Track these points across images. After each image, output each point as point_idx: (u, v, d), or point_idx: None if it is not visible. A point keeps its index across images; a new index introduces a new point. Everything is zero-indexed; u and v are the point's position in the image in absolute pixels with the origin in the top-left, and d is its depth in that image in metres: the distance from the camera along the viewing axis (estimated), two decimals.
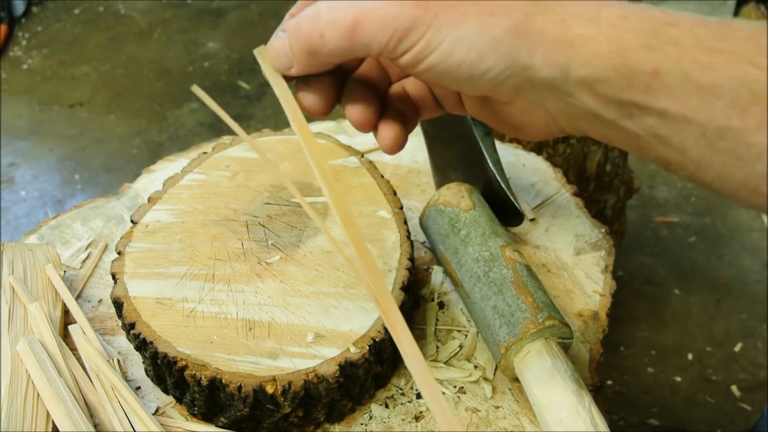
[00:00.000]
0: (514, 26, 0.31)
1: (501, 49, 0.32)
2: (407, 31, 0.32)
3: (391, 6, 0.32)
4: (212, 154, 0.78)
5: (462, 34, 0.32)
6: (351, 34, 0.33)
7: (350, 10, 0.32)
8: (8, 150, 2.14)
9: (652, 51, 0.30)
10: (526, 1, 0.32)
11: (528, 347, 0.59)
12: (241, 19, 2.77)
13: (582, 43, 0.31)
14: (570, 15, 0.32)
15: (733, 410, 1.38)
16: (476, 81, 0.33)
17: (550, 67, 0.32)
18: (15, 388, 0.57)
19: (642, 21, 0.31)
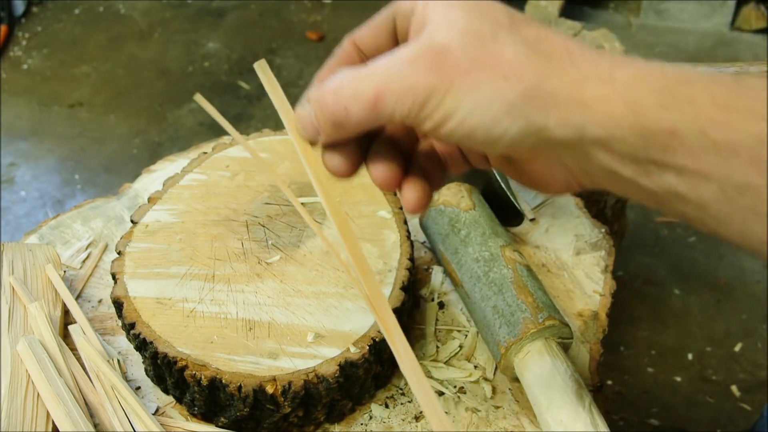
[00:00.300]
0: (527, 90, 0.32)
1: (515, 113, 0.32)
2: (425, 101, 0.33)
3: (409, 77, 0.33)
4: (212, 154, 0.78)
5: (477, 100, 0.32)
6: (373, 107, 0.34)
7: (371, 83, 0.34)
8: (8, 150, 2.14)
9: (668, 110, 0.30)
10: (539, 63, 0.32)
11: (528, 347, 0.59)
12: (241, 19, 2.77)
13: (597, 104, 0.31)
14: (583, 76, 0.32)
15: (733, 410, 1.38)
16: (494, 143, 0.34)
17: (564, 127, 0.32)
18: (15, 388, 0.57)
19: (657, 80, 0.31)
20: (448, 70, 0.33)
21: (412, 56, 0.33)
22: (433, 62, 0.33)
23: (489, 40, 0.33)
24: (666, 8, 2.66)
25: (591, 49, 0.33)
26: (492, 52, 0.33)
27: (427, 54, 0.33)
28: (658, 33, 2.62)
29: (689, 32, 2.61)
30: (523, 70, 0.32)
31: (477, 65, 0.33)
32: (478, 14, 0.34)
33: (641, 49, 2.51)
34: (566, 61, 0.32)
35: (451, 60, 0.33)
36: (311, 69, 2.42)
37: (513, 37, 0.33)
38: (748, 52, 2.48)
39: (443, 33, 0.34)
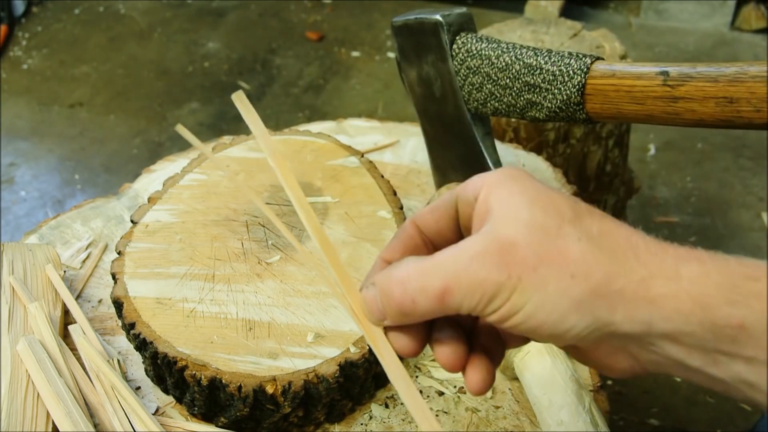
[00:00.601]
0: (594, 288, 0.33)
1: (582, 310, 0.33)
2: (493, 296, 0.34)
3: (477, 273, 0.34)
4: (212, 154, 0.78)
5: (544, 298, 0.33)
6: (441, 300, 0.35)
7: (439, 277, 0.34)
8: (8, 150, 2.14)
9: (735, 306, 0.31)
10: (605, 261, 0.33)
11: (528, 347, 0.59)
12: (241, 19, 2.77)
13: (664, 301, 0.32)
14: (650, 273, 0.33)
15: (733, 410, 1.38)
16: (559, 337, 0.35)
17: (632, 323, 0.33)
18: (15, 388, 0.57)
19: (722, 277, 0.32)
20: (516, 266, 0.33)
21: (480, 250, 0.34)
22: (500, 258, 0.33)
23: (554, 234, 0.34)
24: (666, 8, 2.66)
25: (655, 242, 0.34)
26: (558, 247, 0.33)
27: (494, 249, 0.34)
28: (658, 33, 2.62)
29: (689, 32, 2.61)
30: (590, 268, 0.33)
31: (544, 262, 0.33)
32: (541, 206, 0.34)
33: (641, 49, 2.51)
34: (631, 259, 0.33)
35: (519, 256, 0.33)
36: (311, 69, 2.42)
37: (578, 232, 0.34)
38: (748, 52, 2.48)
39: (509, 226, 0.34)
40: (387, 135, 0.94)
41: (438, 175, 0.83)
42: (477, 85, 0.69)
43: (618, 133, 1.28)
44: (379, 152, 0.91)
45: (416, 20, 0.71)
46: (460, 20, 0.70)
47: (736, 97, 0.55)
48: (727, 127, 0.57)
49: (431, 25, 0.70)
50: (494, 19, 1.43)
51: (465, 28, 0.70)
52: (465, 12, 0.71)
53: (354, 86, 2.34)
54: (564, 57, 0.63)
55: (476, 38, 0.69)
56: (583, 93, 0.62)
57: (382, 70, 2.41)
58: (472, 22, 0.71)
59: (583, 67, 0.62)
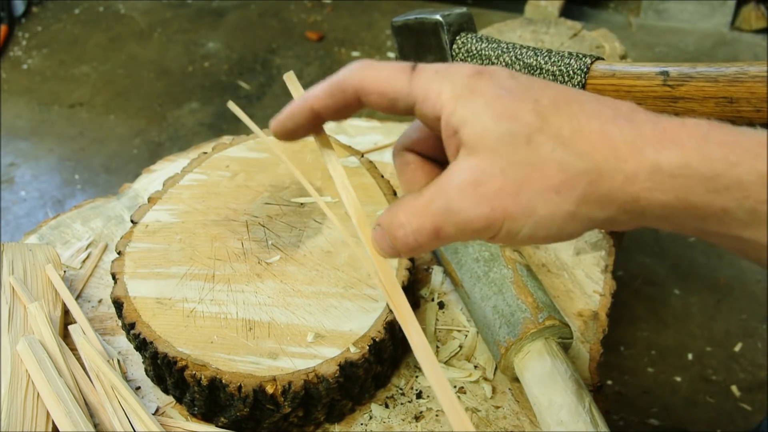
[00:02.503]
0: (582, 197, 0.33)
1: (576, 218, 0.34)
2: (485, 229, 0.34)
3: (461, 211, 0.34)
4: (212, 154, 0.78)
5: (537, 220, 0.34)
6: (438, 238, 0.36)
7: (429, 218, 0.35)
8: (8, 150, 2.14)
9: (717, 194, 0.31)
10: (585, 167, 0.33)
11: (528, 347, 0.59)
12: (241, 19, 2.77)
13: (649, 195, 0.33)
14: (632, 171, 0.32)
15: (733, 410, 1.38)
16: (562, 240, 0.36)
17: (625, 214, 0.34)
18: (15, 388, 0.57)
19: (703, 164, 0.32)
20: (497, 198, 0.34)
21: (459, 185, 0.34)
22: (479, 191, 0.34)
23: (527, 150, 0.33)
24: (666, 8, 2.66)
25: (629, 127, 0.33)
26: (534, 164, 0.33)
27: (471, 182, 0.34)
28: (658, 33, 2.62)
29: (689, 32, 2.61)
30: (572, 180, 0.33)
31: (524, 185, 0.33)
32: (507, 120, 0.33)
33: (641, 49, 2.51)
34: (611, 159, 0.33)
35: (497, 185, 0.33)
36: (311, 69, 2.42)
37: (550, 141, 0.33)
38: (748, 52, 2.48)
39: (479, 151, 0.34)
40: (387, 135, 0.94)
41: None
42: None
43: None
44: (379, 152, 0.91)
45: (416, 20, 0.71)
46: (460, 20, 0.70)
47: (736, 97, 0.55)
48: None
49: (431, 25, 0.70)
50: (494, 19, 1.43)
51: (465, 28, 0.70)
52: (465, 12, 0.71)
53: None
54: (564, 57, 0.63)
55: (476, 38, 0.69)
56: None
57: None
58: (472, 22, 0.71)
59: (583, 67, 0.62)
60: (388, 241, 0.38)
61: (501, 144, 0.33)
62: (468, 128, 0.34)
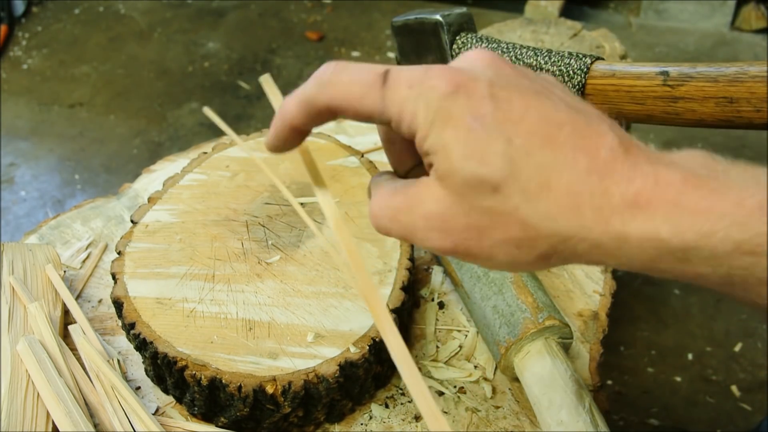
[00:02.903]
0: (544, 255, 0.34)
1: (536, 264, 0.35)
2: (452, 253, 0.35)
3: (425, 240, 0.36)
4: (212, 154, 0.78)
5: (497, 264, 0.35)
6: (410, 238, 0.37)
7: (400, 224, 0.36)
8: (8, 150, 2.14)
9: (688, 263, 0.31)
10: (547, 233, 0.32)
11: (528, 347, 0.59)
12: (241, 19, 2.77)
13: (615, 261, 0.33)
14: (596, 239, 0.32)
15: (733, 410, 1.38)
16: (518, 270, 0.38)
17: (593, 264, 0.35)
18: (15, 388, 0.57)
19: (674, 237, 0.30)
20: (460, 237, 0.34)
21: (425, 214, 0.35)
22: (444, 227, 0.35)
23: (490, 197, 0.32)
24: (666, 8, 2.66)
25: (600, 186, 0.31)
26: (497, 216, 0.33)
27: (436, 217, 0.35)
28: (658, 33, 2.62)
29: (689, 32, 2.61)
30: (533, 240, 0.33)
31: (485, 233, 0.34)
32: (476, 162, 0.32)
33: (641, 49, 2.51)
34: (575, 225, 0.32)
35: (460, 225, 0.34)
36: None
37: (516, 195, 0.32)
38: (748, 52, 2.48)
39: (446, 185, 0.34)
40: None
41: None
42: None
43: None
44: (379, 152, 0.91)
45: (416, 20, 0.71)
46: (460, 20, 0.70)
47: (736, 97, 0.55)
48: (727, 127, 0.57)
49: (431, 25, 0.69)
50: (494, 19, 1.43)
51: (465, 28, 0.70)
52: (465, 12, 0.71)
53: None
54: (564, 57, 0.63)
55: (476, 38, 0.69)
56: (583, 93, 0.62)
57: None
58: (472, 22, 0.71)
59: (583, 67, 0.62)
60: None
61: (467, 187, 0.33)
62: (439, 160, 0.33)
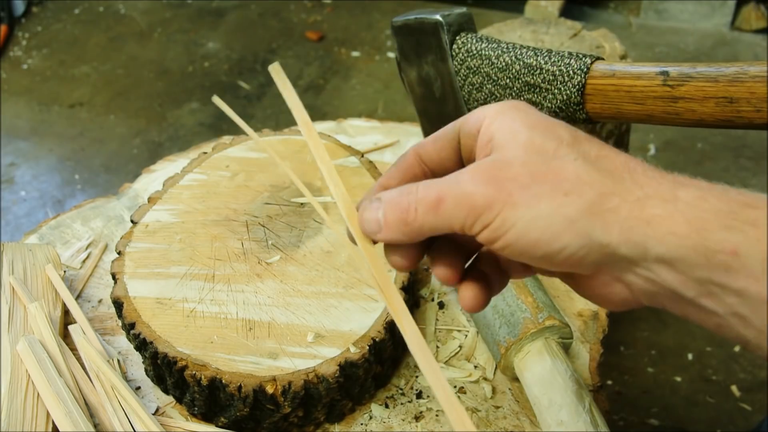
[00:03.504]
0: (589, 206, 0.32)
1: (576, 229, 0.32)
2: (483, 209, 0.33)
3: (466, 185, 0.34)
4: (212, 154, 0.78)
5: (536, 214, 0.32)
6: (436, 210, 0.35)
7: (435, 188, 0.35)
8: (8, 150, 2.14)
9: (731, 231, 0.30)
10: (600, 180, 0.33)
11: (528, 347, 0.59)
12: (241, 19, 2.76)
13: (659, 222, 0.31)
14: (645, 195, 0.32)
15: (733, 410, 1.38)
16: (552, 258, 0.34)
17: (627, 244, 0.32)
18: (15, 388, 0.57)
19: (720, 202, 0.31)
20: (507, 183, 0.33)
21: (473, 168, 0.35)
22: (491, 174, 0.34)
23: (551, 155, 0.34)
24: (666, 8, 2.66)
25: (653, 168, 0.34)
26: (553, 167, 0.33)
27: (487, 166, 0.34)
28: (658, 33, 2.62)
29: (689, 32, 2.61)
30: (584, 186, 0.32)
31: (537, 180, 0.33)
32: (540, 131, 0.35)
33: (641, 49, 2.51)
34: (628, 180, 0.33)
35: (511, 173, 0.33)
36: (311, 69, 2.42)
37: (574, 154, 0.34)
38: (748, 52, 2.48)
39: (506, 148, 0.35)
40: (387, 135, 0.94)
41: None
42: (477, 85, 0.69)
43: (618, 133, 1.28)
44: (379, 152, 0.91)
45: (416, 20, 0.71)
46: (460, 20, 0.70)
47: (736, 97, 0.55)
48: (727, 127, 0.57)
49: (431, 25, 0.69)
50: (494, 19, 1.43)
51: (465, 28, 0.70)
52: (465, 12, 0.71)
53: (354, 86, 2.34)
54: (564, 57, 0.63)
55: (476, 38, 0.69)
56: (583, 93, 0.62)
57: (382, 70, 2.41)
58: (472, 22, 0.71)
59: (583, 67, 0.62)
60: (380, 213, 0.37)
61: (529, 145, 0.34)
62: (502, 133, 0.35)
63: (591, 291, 0.38)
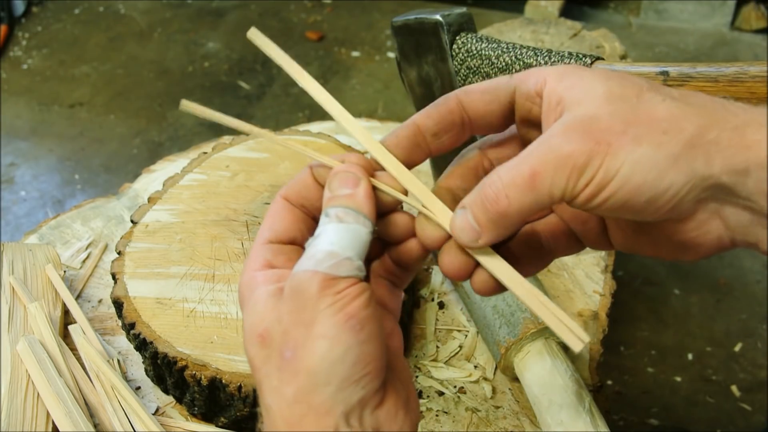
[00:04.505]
0: (689, 140, 0.32)
1: (679, 164, 0.32)
2: (585, 165, 0.33)
3: (563, 147, 0.33)
4: (212, 154, 0.78)
5: (639, 157, 0.32)
6: (532, 185, 0.33)
7: (526, 164, 0.34)
8: (8, 150, 2.14)
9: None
10: (695, 114, 0.33)
11: (528, 347, 0.59)
12: (241, 19, 2.76)
13: (759, 146, 0.31)
14: (742, 122, 0.32)
15: (733, 410, 1.38)
16: (657, 201, 0.33)
17: (729, 173, 0.32)
18: (15, 388, 0.57)
19: None
20: (603, 134, 0.32)
21: (562, 130, 0.33)
22: (584, 130, 0.33)
23: (635, 101, 0.33)
24: (666, 8, 2.66)
25: (739, 102, 0.33)
26: (642, 111, 0.33)
27: (576, 125, 0.33)
28: (658, 33, 2.62)
29: (689, 32, 2.61)
30: (681, 122, 0.32)
31: (632, 124, 0.32)
32: (616, 81, 0.34)
33: (641, 49, 2.51)
34: (720, 110, 0.33)
35: (603, 125, 0.33)
36: (311, 69, 2.42)
37: (660, 96, 0.33)
38: (748, 52, 2.48)
39: (586, 104, 0.34)
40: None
41: (438, 175, 0.82)
42: None
43: None
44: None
45: (416, 20, 0.71)
46: (460, 20, 0.70)
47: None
48: None
49: (431, 25, 0.69)
50: (494, 19, 1.43)
51: (465, 28, 0.70)
52: (465, 12, 0.71)
53: (354, 86, 2.34)
54: (564, 57, 0.63)
55: (476, 38, 0.69)
56: None
57: (382, 70, 2.41)
58: (472, 22, 0.71)
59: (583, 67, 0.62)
60: (471, 218, 0.35)
61: (610, 96, 0.33)
62: (574, 91, 0.34)
63: (681, 238, 0.37)
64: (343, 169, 0.36)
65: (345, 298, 0.32)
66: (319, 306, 0.32)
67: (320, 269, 0.32)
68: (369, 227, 0.34)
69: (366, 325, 0.32)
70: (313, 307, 0.32)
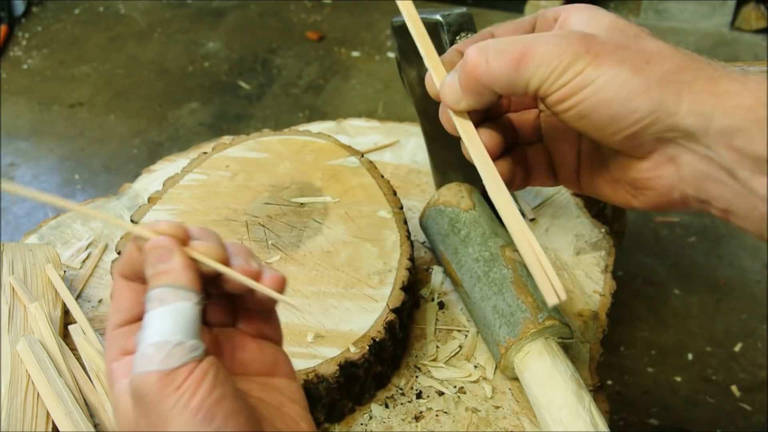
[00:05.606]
0: (666, 75, 0.35)
1: (651, 93, 0.35)
2: (569, 65, 0.36)
3: (557, 44, 0.36)
4: (212, 154, 0.78)
5: (617, 73, 0.35)
6: (516, 66, 0.37)
7: (521, 44, 0.37)
8: (8, 150, 2.14)
9: None
10: (680, 57, 0.36)
11: (528, 347, 0.59)
12: (241, 19, 2.76)
13: (727, 95, 0.33)
14: (719, 74, 0.35)
15: (733, 410, 1.38)
16: (621, 121, 0.36)
17: (693, 115, 0.34)
18: (15, 388, 0.57)
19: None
20: (595, 46, 0.36)
21: (561, 33, 0.37)
22: (581, 40, 0.36)
23: (633, 36, 0.37)
24: (666, 8, 2.66)
25: (724, 63, 0.36)
26: (637, 43, 0.37)
27: (575, 34, 0.37)
28: (658, 33, 2.58)
29: (689, 32, 2.60)
30: (665, 59, 0.35)
31: (622, 47, 0.36)
32: (623, 21, 0.38)
33: None
34: (704, 62, 0.36)
35: (599, 41, 0.36)
36: (311, 69, 2.42)
37: (654, 39, 0.38)
38: (748, 52, 2.48)
39: (590, 28, 0.38)
40: (387, 135, 0.94)
41: (438, 175, 0.82)
42: None
43: None
44: (379, 152, 0.91)
45: None
46: (460, 20, 0.70)
47: None
48: None
49: (431, 25, 0.69)
50: (494, 19, 1.43)
51: (465, 28, 0.70)
52: (465, 12, 0.71)
53: (354, 86, 2.34)
54: None
55: None
56: None
57: (382, 70, 2.41)
58: (472, 22, 0.71)
59: None
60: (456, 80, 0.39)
61: (612, 27, 0.38)
62: (582, 19, 0.39)
63: (636, 176, 0.39)
64: (154, 244, 0.34)
65: (187, 392, 0.31)
66: (164, 409, 0.30)
67: (153, 368, 0.31)
68: (193, 299, 0.33)
69: (219, 411, 0.31)
70: (159, 411, 0.31)
